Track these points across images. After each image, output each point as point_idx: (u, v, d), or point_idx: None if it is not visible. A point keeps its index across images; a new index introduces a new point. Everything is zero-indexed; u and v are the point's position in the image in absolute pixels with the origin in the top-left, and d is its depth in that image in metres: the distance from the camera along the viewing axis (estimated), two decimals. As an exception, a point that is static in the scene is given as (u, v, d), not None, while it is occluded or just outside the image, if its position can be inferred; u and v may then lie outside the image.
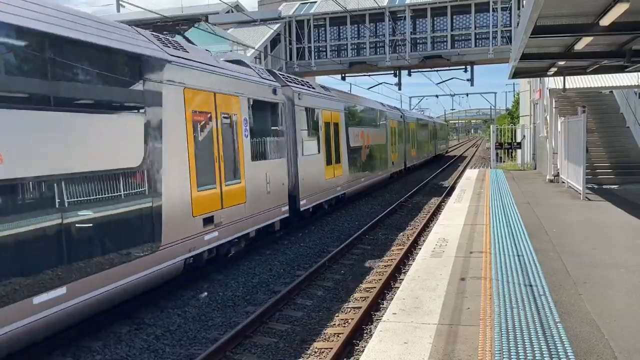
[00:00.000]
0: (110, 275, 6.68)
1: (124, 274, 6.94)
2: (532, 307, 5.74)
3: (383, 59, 32.67)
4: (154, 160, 7.67)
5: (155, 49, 7.98)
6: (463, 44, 31.93)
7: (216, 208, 9.50)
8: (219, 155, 9.68)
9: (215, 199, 9.49)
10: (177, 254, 8.24)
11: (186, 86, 8.61)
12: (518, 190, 16.23)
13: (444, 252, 8.45)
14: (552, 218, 11.18)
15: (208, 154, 9.27)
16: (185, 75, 8.59)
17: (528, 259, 7.79)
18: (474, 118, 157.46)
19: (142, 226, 7.39)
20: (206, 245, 9.12)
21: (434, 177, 30.93)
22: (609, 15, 8.53)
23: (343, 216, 17.57)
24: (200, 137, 9.01)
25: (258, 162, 11.31)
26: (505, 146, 26.54)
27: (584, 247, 8.49)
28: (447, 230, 10.33)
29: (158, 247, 7.70)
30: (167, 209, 7.91)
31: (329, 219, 16.95)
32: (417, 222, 16.25)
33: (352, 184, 19.02)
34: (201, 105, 9.10)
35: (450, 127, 65.61)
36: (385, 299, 8.96)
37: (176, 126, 8.26)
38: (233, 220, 10.09)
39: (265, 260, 11.73)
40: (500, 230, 9.97)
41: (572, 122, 15.47)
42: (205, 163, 9.14)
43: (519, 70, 15.36)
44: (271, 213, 12.07)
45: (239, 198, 10.40)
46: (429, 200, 20.93)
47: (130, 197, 7.13)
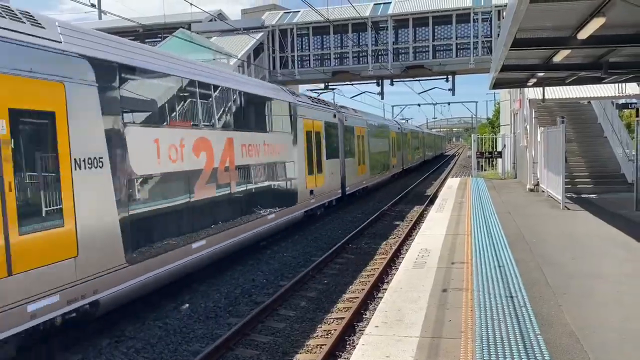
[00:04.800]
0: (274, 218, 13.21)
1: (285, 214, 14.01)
2: (513, 319, 5.77)
3: (366, 69, 32.86)
4: (294, 155, 14.85)
5: (292, 98, 15.28)
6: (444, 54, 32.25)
7: (314, 186, 16.69)
8: (314, 155, 16.84)
9: (314, 180, 16.68)
10: (300, 209, 15.37)
11: (303, 117, 15.93)
12: (499, 200, 16.37)
13: (426, 263, 8.48)
14: (532, 228, 11.29)
15: (311, 154, 16.71)
16: (302, 111, 15.89)
17: (509, 269, 7.85)
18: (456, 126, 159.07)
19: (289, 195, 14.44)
20: (311, 206, 16.28)
21: (416, 185, 31.10)
22: (586, 29, 8.69)
23: (327, 224, 17.55)
24: (308, 145, 16.23)
25: (328, 161, 18.44)
26: (486, 155, 26.79)
27: (563, 257, 8.58)
28: (429, 240, 10.37)
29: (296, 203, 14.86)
30: (300, 184, 15.21)
31: (312, 227, 16.93)
32: (400, 230, 16.29)
33: (371, 180, 25.84)
34: (307, 126, 16.25)
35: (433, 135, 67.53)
36: (368, 309, 8.95)
37: (303, 139, 15.74)
38: (319, 194, 17.25)
39: (248, 270, 11.65)
40: (482, 240, 10.03)
41: (551, 132, 15.68)
42: (310, 159, 16.44)
43: (499, 81, 15.55)
44: (332, 192, 19.00)
45: (321, 182, 17.45)
46: (412, 209, 21.02)
47: (285, 178, 13.99)
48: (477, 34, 31.22)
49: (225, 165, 10.67)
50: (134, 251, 7.75)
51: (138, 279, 7.80)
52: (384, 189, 29.66)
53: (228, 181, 10.75)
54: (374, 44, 32.88)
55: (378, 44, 32.62)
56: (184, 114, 9.45)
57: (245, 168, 11.57)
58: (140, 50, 8.61)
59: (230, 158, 10.90)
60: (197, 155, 9.65)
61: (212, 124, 10.36)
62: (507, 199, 16.49)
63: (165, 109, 8.92)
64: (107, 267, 7.19)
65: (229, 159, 10.86)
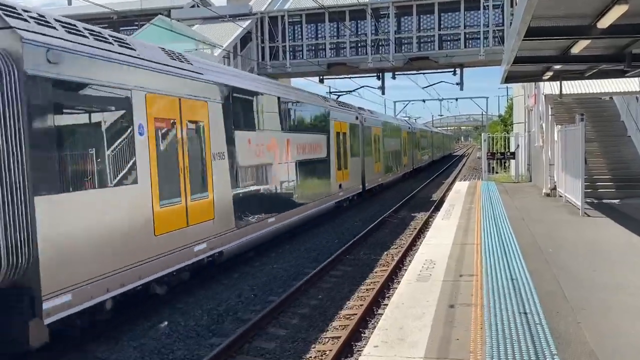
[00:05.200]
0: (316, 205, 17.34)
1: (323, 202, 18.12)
2: (527, 338, 5.77)
3: (365, 60, 32.88)
4: (328, 153, 19.07)
5: (325, 103, 19.56)
6: (452, 45, 32.33)
7: (342, 181, 20.80)
8: (342, 153, 21.04)
9: (342, 175, 20.77)
10: (333, 199, 19.45)
11: (334, 120, 20.10)
12: (512, 205, 16.42)
13: (431, 276, 8.48)
14: (549, 236, 11.32)
15: (340, 152, 20.52)
16: (333, 115, 20.05)
17: (522, 282, 7.86)
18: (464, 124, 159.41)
19: (326, 186, 18.66)
20: (339, 198, 20.38)
21: (421, 189, 31.16)
22: (607, 17, 8.73)
23: (321, 233, 17.55)
24: (337, 145, 20.17)
25: (352, 158, 22.39)
26: (497, 156, 26.85)
27: (582, 269, 8.61)
28: (435, 250, 10.38)
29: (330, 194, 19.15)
30: (332, 178, 19.49)
31: (305, 236, 16.93)
32: (403, 240, 16.30)
33: (385, 178, 29.80)
34: (337, 128, 20.49)
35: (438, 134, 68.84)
36: (367, 327, 8.94)
37: (334, 139, 19.77)
38: (345, 188, 21.24)
39: (234, 284, 11.62)
40: (492, 250, 10.05)
41: (569, 130, 15.74)
42: (339, 157, 20.53)
43: (511, 75, 15.60)
44: (355, 188, 23.11)
45: (347, 177, 21.61)
46: (416, 216, 21.05)
47: (323, 172, 18.08)
48: (488, 22, 31.32)
49: (286, 160, 15.16)
50: (238, 220, 11.97)
51: (240, 240, 12.01)
52: (387, 191, 29.71)
53: (287, 173, 15.24)
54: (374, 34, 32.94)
55: (378, 33, 32.69)
56: (263, 121, 13.86)
57: (297, 163, 16.04)
58: (243, 75, 13.91)
59: (288, 155, 15.36)
60: (270, 152, 14.06)
61: (279, 128, 14.86)
62: (521, 205, 16.54)
63: (254, 117, 13.40)
64: (226, 229, 11.36)
65: (288, 155, 15.32)
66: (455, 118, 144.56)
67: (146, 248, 8.77)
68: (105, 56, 8.09)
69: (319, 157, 18.27)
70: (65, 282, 7.01)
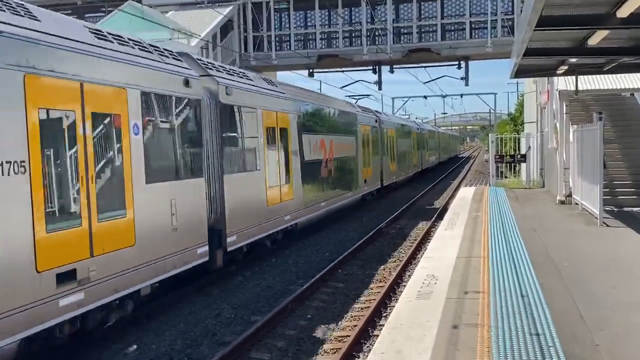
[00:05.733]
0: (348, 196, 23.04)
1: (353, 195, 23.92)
2: (539, 362, 5.78)
3: (359, 52, 33.01)
4: (356, 152, 24.80)
5: (353, 109, 25.67)
6: (456, 35, 32.51)
7: (366, 177, 25.90)
8: (366, 152, 26.20)
9: (366, 172, 25.95)
10: (359, 193, 25.04)
11: (360, 123, 25.60)
12: (522, 214, 16.49)
13: (433, 292, 8.49)
14: (563, 248, 11.37)
15: (364, 151, 25.84)
16: (360, 119, 25.73)
17: (534, 300, 7.89)
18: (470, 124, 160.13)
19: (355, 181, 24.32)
20: (364, 192, 25.87)
21: (422, 195, 31.24)
22: (628, 5, 8.81)
23: (311, 245, 17.53)
24: (362, 145, 25.58)
25: (373, 157, 27.41)
26: (507, 159, 26.96)
27: (601, 285, 8.64)
28: (437, 264, 10.40)
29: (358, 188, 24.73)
30: (359, 174, 24.98)
31: (293, 248, 16.91)
32: (402, 252, 16.33)
33: (399, 176, 35.23)
34: (362, 130, 25.89)
35: None
36: (361, 350, 8.93)
37: (360, 140, 25.42)
38: (368, 184, 26.45)
39: (213, 302, 11.58)
40: (501, 264, 10.08)
41: (586, 131, 15.84)
42: (364, 156, 25.88)
43: (522, 68, 15.68)
44: (375, 184, 28.58)
45: (370, 174, 26.72)
46: (416, 225, 21.09)
47: (353, 169, 23.96)
48: (496, 10, 31.53)
49: (331, 157, 21.16)
50: (305, 201, 17.82)
51: (306, 216, 17.84)
52: (384, 197, 29.76)
53: (332, 168, 21.20)
54: (370, 22, 33.08)
55: (374, 22, 32.83)
56: (318, 126, 20.11)
57: (337, 160, 21.87)
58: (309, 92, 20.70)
59: (332, 153, 21.35)
60: (321, 150, 20.11)
61: (326, 131, 20.92)
62: (533, 213, 16.61)
63: (312, 123, 19.46)
64: (299, 207, 17.23)
65: (332, 153, 21.31)
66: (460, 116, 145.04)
67: (263, 214, 14.71)
68: (255, 90, 14.88)
69: (351, 155, 24.25)
70: (234, 228, 12.94)
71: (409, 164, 39.29)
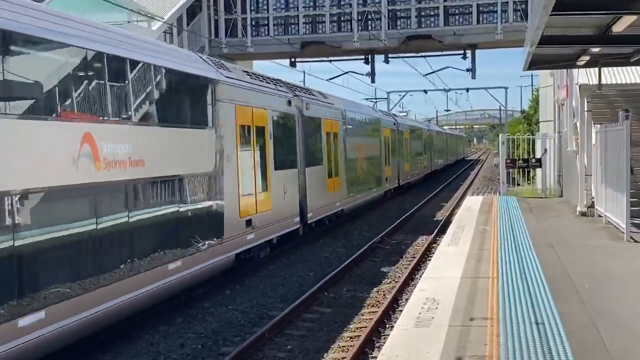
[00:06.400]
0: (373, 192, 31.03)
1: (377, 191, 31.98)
2: (557, 401, 5.77)
3: (349, 39, 33.02)
4: (380, 153, 32.67)
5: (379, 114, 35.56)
6: (461, 20, 32.64)
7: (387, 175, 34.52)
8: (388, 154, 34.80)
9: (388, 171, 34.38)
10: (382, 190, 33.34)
11: (383, 126, 34.18)
12: (537, 227, 16.55)
13: (434, 319, 8.47)
14: (584, 268, 11.40)
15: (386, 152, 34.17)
16: (382, 122, 34.13)
17: (551, 328, 7.88)
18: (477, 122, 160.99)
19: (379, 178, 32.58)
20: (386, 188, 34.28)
21: (423, 204, 31.31)
22: (658, -13, 8.86)
23: (292, 264, 17.52)
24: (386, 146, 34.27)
25: (391, 158, 35.38)
26: (519, 164, 27.04)
27: (628, 310, 8.66)
28: (438, 285, 10.38)
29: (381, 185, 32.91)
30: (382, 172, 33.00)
31: (271, 267, 16.88)
32: (398, 272, 16.36)
33: (412, 177, 42.98)
34: (384, 133, 34.13)
35: None
36: (349, 388, 8.89)
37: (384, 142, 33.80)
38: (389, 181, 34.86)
39: (176, 331, 11.52)
40: (513, 285, 10.08)
41: (611, 131, 15.92)
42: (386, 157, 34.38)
43: (537, 59, 15.74)
44: (394, 182, 36.50)
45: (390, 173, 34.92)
46: (415, 240, 21.13)
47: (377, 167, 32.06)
48: (507, -9, 31.60)
49: (363, 157, 28.07)
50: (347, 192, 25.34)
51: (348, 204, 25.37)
52: (377, 209, 29.77)
53: (363, 167, 27.96)
54: (361, 4, 33.14)
55: (367, 3, 32.89)
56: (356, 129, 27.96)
57: (367, 159, 28.71)
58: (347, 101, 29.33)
59: (364, 153, 28.35)
60: (357, 151, 27.26)
61: (360, 134, 28.53)
62: (550, 227, 16.67)
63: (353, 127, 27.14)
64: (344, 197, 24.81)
65: (364, 153, 28.38)
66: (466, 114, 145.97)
67: (324, 199, 21.78)
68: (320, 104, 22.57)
69: (377, 155, 31.56)
70: (311, 207, 20.07)
71: (421, 165, 47.98)
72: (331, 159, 23.14)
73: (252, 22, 33.70)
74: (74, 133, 9.38)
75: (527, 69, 17.16)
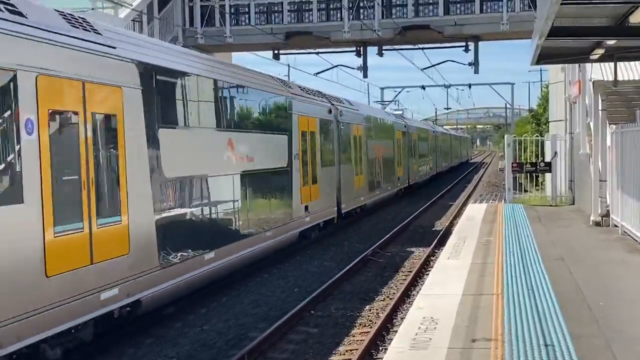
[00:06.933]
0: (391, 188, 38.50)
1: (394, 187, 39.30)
2: None
3: (339, 29, 33.01)
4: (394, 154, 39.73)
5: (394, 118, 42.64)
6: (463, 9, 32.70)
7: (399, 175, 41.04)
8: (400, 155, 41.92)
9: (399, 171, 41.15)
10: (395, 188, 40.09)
11: (396, 129, 41.19)
12: (547, 239, 16.59)
13: (432, 341, 8.46)
14: (598, 284, 11.43)
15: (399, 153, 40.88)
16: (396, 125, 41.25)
17: (561, 351, 7.89)
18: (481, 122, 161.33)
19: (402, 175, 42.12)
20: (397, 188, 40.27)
21: (421, 212, 31.34)
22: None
23: (274, 279, 17.47)
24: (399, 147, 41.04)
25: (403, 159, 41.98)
26: (527, 168, 27.13)
27: (646, 331, 8.68)
28: (438, 303, 10.38)
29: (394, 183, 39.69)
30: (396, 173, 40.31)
31: (251, 283, 16.82)
32: (392, 288, 16.34)
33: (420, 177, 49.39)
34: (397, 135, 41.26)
35: None
36: (338, 418, 8.87)
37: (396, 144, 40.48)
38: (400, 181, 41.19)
39: (144, 354, 11.47)
40: (519, 303, 10.08)
41: (628, 132, 15.99)
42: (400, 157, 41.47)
43: (546, 52, 15.79)
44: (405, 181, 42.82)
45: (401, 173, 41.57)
46: (412, 253, 21.14)
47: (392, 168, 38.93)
48: (514, -23, 31.69)
49: (379, 157, 34.43)
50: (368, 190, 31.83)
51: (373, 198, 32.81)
52: (373, 215, 29.80)
53: (381, 166, 34.75)
54: (353, -9, 33.06)
55: (358, -10, 32.85)
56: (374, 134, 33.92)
57: (384, 160, 35.35)
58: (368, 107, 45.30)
59: (380, 155, 34.72)
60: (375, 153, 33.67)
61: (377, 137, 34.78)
62: (560, 238, 16.72)
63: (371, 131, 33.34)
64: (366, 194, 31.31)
65: (380, 155, 34.73)
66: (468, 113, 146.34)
67: (353, 193, 28.12)
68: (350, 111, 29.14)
69: (392, 157, 37.69)
70: (344, 199, 26.44)
71: (427, 166, 54.33)
72: (357, 159, 29.35)
73: (231, 10, 33.66)
74: (224, 138, 15.57)
75: (535, 63, 17.20)
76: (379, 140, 34.92)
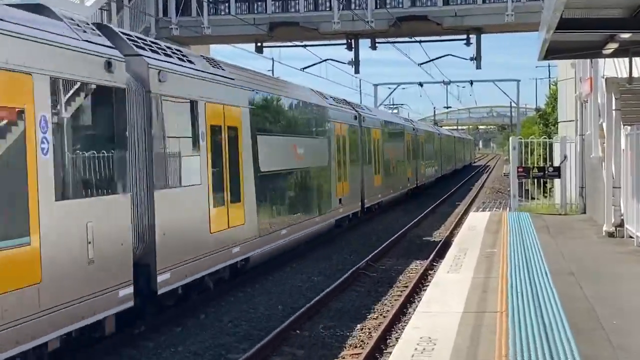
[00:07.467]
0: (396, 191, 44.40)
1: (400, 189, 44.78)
2: None
3: (328, 20, 33.04)
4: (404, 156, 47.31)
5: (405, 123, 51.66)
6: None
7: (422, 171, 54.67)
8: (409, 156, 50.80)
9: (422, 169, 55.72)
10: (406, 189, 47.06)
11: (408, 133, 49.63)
12: (555, 251, 16.62)
13: (430, 364, 8.47)
14: (612, 300, 11.44)
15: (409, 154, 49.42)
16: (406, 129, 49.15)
17: (572, 374, 7.92)
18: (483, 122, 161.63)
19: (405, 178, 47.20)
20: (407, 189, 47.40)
21: (419, 221, 31.39)
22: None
23: (257, 295, 17.46)
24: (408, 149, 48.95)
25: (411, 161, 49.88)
26: (534, 173, 27.16)
27: (664, 353, 8.72)
28: (436, 322, 10.38)
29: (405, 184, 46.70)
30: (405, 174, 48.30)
31: (231, 298, 16.83)
32: (386, 305, 16.35)
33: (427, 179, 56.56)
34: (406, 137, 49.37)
35: None
36: None
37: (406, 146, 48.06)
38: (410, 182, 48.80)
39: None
40: (526, 322, 10.09)
41: (643, 134, 16.05)
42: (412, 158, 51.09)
43: (555, 46, 15.86)
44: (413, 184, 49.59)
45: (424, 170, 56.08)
46: (408, 266, 21.17)
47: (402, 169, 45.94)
48: (519, -36, 31.76)
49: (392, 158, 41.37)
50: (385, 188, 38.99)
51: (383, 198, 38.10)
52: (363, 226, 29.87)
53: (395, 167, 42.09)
54: (343, -22, 33.10)
55: (349, -23, 32.89)
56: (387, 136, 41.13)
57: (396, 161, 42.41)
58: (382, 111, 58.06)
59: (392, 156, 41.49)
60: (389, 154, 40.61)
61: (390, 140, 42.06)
62: (570, 250, 16.75)
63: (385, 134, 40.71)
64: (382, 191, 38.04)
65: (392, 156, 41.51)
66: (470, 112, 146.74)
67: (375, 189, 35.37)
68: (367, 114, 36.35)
69: (402, 159, 43.71)
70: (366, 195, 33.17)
71: (432, 169, 59.94)
72: (376, 160, 35.64)
73: (209, -1, 33.58)
74: (291, 142, 22.38)
75: (543, 58, 17.25)
76: (393, 143, 41.76)
